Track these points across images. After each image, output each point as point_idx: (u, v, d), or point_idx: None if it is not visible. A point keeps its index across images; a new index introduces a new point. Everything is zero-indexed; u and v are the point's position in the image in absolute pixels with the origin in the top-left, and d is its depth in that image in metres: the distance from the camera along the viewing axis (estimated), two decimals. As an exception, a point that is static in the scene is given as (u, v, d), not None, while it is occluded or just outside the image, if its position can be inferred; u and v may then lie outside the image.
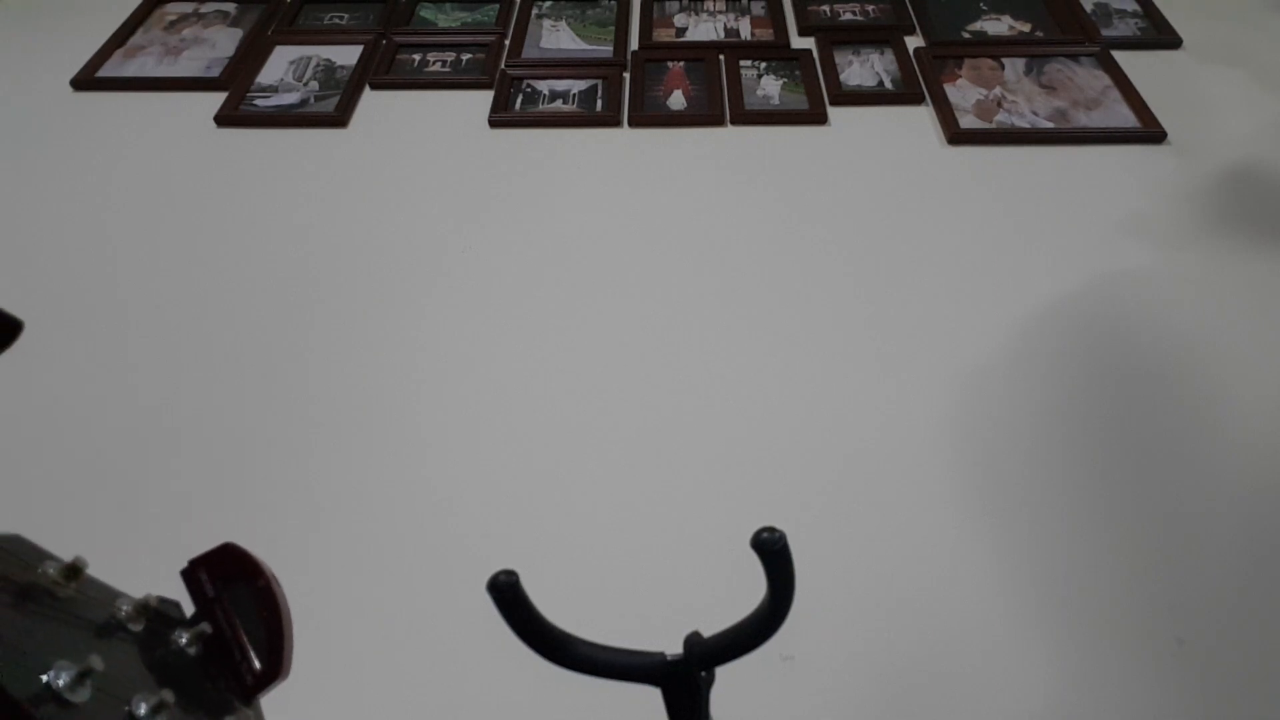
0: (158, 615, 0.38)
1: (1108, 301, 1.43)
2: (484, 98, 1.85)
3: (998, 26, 2.01)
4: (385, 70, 1.92)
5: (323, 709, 1.02)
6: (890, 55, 1.93)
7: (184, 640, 0.38)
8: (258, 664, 0.41)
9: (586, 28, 2.03)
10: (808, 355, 1.37)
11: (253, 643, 0.41)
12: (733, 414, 1.29)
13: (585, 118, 1.80)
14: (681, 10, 2.09)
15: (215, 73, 1.91)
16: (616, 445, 1.26)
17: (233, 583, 0.42)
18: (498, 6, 2.10)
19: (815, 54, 1.94)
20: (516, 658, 0.59)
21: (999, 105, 1.79)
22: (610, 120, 1.80)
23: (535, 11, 2.08)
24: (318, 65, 1.94)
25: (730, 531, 1.13)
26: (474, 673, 1.04)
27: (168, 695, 0.34)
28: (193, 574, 0.42)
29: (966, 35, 1.99)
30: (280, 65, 1.94)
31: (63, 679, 0.29)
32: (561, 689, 0.90)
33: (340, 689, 1.04)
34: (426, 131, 1.79)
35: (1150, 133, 1.71)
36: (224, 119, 1.81)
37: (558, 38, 2.01)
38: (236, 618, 0.41)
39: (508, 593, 0.53)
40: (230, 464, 1.25)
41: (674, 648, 0.58)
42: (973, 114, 1.77)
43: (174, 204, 1.64)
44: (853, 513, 1.18)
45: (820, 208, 1.60)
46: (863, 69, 1.90)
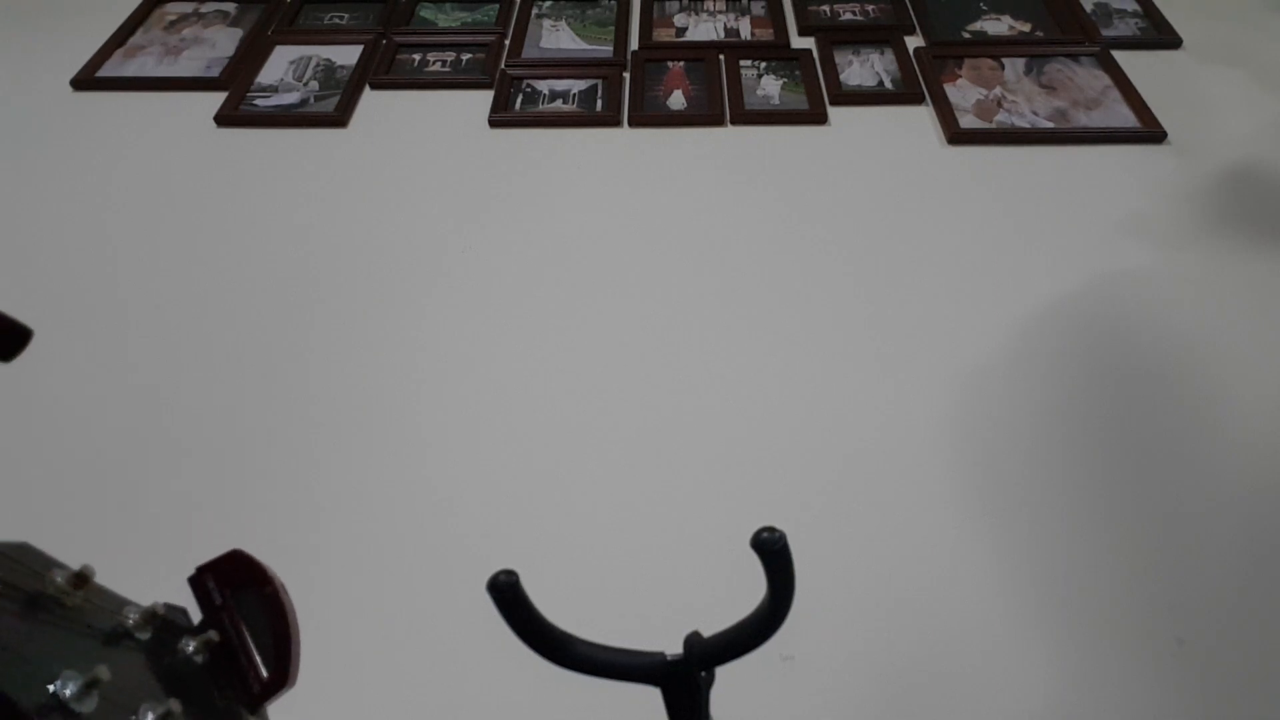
0: (165, 623, 0.38)
1: (1108, 301, 1.43)
2: (484, 98, 1.85)
3: (998, 26, 2.01)
4: (385, 70, 1.92)
5: (324, 709, 1.02)
6: (890, 55, 1.93)
7: (191, 648, 0.38)
8: (265, 672, 0.41)
9: (586, 28, 2.03)
10: (808, 355, 1.37)
11: (260, 650, 0.41)
12: (733, 414, 1.29)
13: (585, 118, 1.80)
14: (681, 10, 2.09)
15: (215, 73, 1.91)
16: (616, 445, 1.26)
17: (241, 590, 0.42)
18: (498, 6, 2.09)
19: (815, 54, 1.94)
20: (516, 658, 0.59)
21: (999, 105, 1.79)
22: (610, 120, 1.80)
23: (535, 11, 2.08)
24: (318, 65, 1.94)
25: (730, 531, 1.13)
26: (474, 673, 1.04)
27: (175, 704, 0.34)
28: (200, 581, 0.42)
29: (966, 35, 1.99)
30: (280, 65, 1.94)
31: (69, 689, 0.29)
32: (561, 689, 0.90)
33: (341, 689, 1.04)
34: (426, 131, 1.79)
35: (1150, 133, 1.71)
36: (224, 119, 1.81)
37: (558, 38, 2.01)
38: (244, 625, 0.41)
39: (508, 593, 0.53)
40: (231, 464, 1.25)
41: (674, 648, 0.58)
42: (973, 114, 1.77)
43: (174, 204, 1.64)
44: (853, 513, 1.18)
45: (820, 208, 1.60)
46: (863, 69, 1.90)
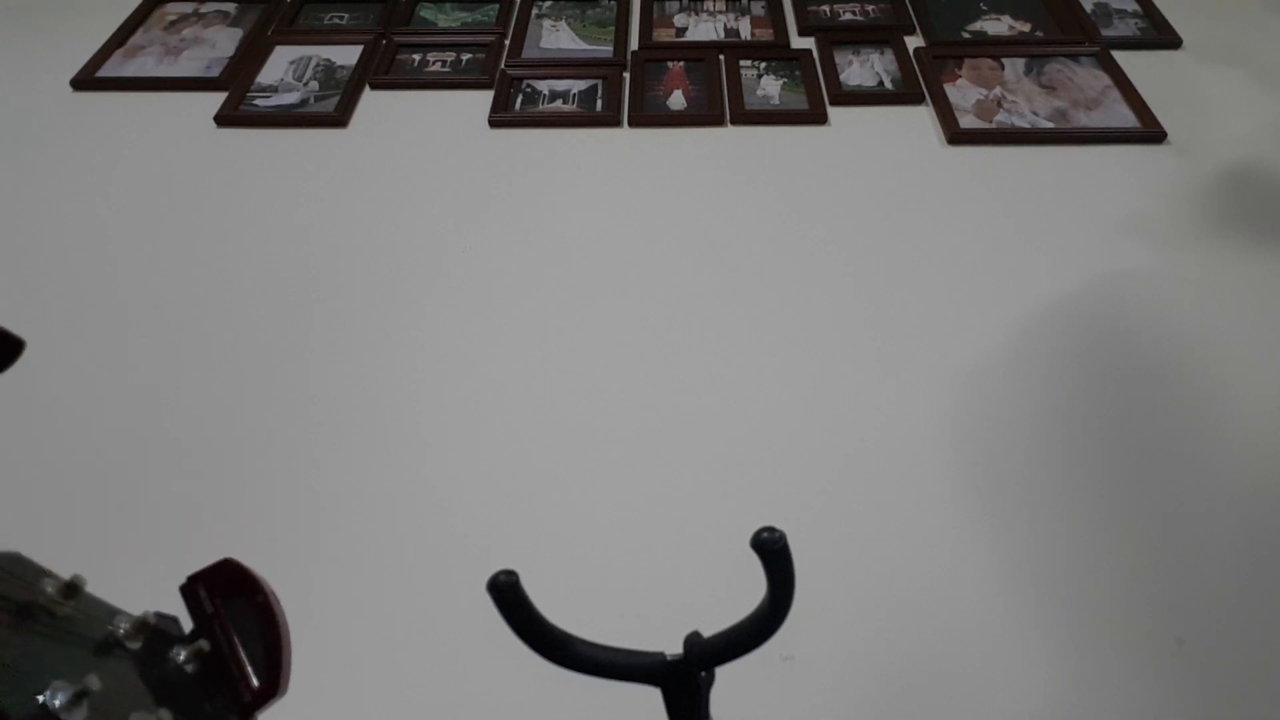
0: (156, 632, 0.38)
1: (1108, 301, 1.43)
2: (484, 98, 1.85)
3: (998, 26, 2.01)
4: (385, 70, 1.92)
5: (323, 709, 1.02)
6: (890, 55, 1.93)
7: (182, 657, 0.38)
8: (256, 681, 0.40)
9: (586, 28, 2.03)
10: (808, 355, 1.37)
11: (251, 659, 0.41)
12: (733, 414, 1.29)
13: (585, 118, 1.80)
14: (681, 10, 2.09)
15: (215, 73, 1.92)
16: (617, 445, 1.26)
17: (232, 598, 0.42)
18: (498, 6, 2.09)
19: (815, 54, 1.94)
20: (516, 658, 0.59)
21: (999, 105, 1.79)
22: (610, 120, 1.80)
23: (535, 11, 2.08)
24: (318, 65, 1.94)
25: (730, 531, 1.13)
26: (474, 673, 1.04)
27: (165, 714, 0.34)
28: (191, 590, 0.42)
29: (966, 35, 1.99)
30: (280, 65, 1.94)
31: (59, 699, 0.29)
32: (561, 689, 0.90)
33: (341, 689, 1.04)
34: (426, 131, 1.79)
35: (1150, 133, 1.71)
36: (224, 119, 1.81)
37: (558, 38, 2.01)
38: (235, 634, 0.41)
39: (508, 593, 0.53)
40: (231, 464, 1.25)
41: (674, 648, 0.58)
42: (973, 114, 1.77)
43: (174, 204, 1.64)
44: (853, 513, 1.18)
45: (820, 208, 1.60)
46: (863, 69, 1.90)
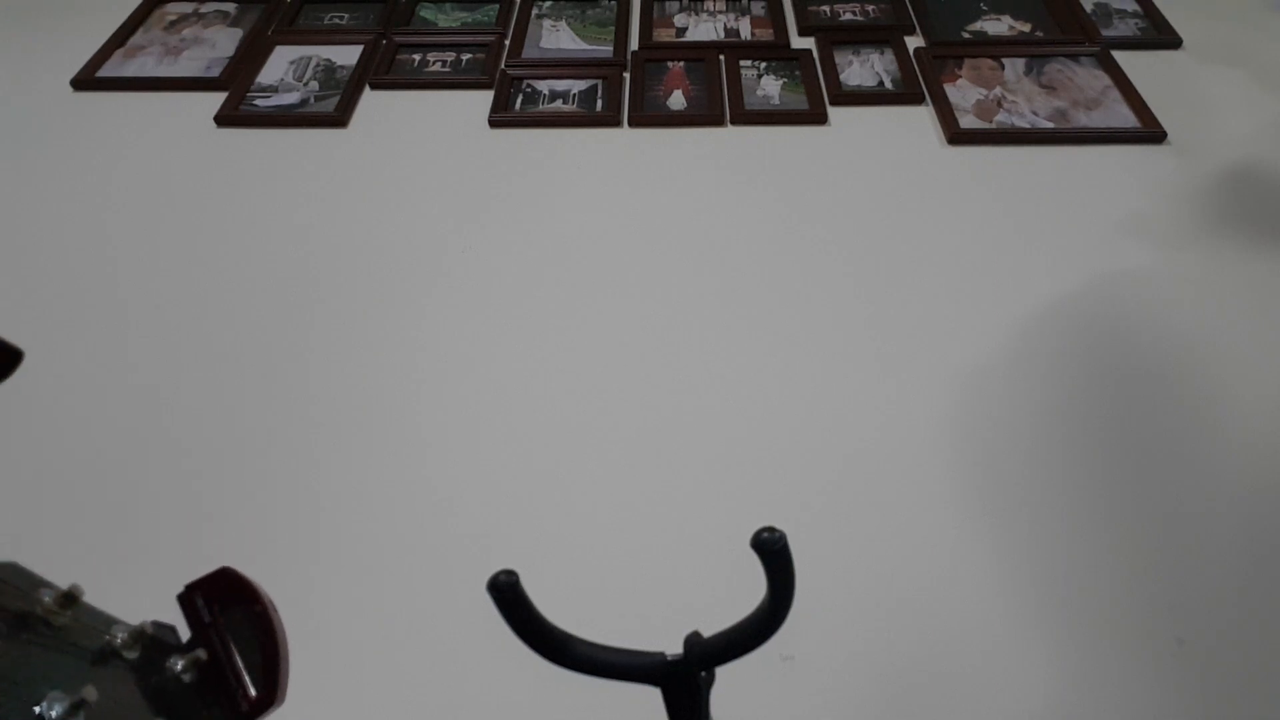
0: (153, 642, 0.38)
1: (1108, 301, 1.43)
2: (484, 98, 1.85)
3: (998, 26, 2.01)
4: (385, 70, 1.92)
5: (323, 709, 1.02)
6: (890, 55, 1.93)
7: (179, 667, 0.38)
8: (253, 690, 0.40)
9: (586, 28, 2.03)
10: (808, 355, 1.37)
11: (248, 669, 0.41)
12: (733, 414, 1.29)
13: (585, 118, 1.80)
14: (681, 10, 2.09)
15: (215, 73, 1.92)
16: (617, 445, 1.26)
17: (230, 607, 0.42)
18: (498, 6, 2.09)
19: (815, 54, 1.94)
20: (516, 658, 0.59)
21: (999, 105, 1.79)
22: (610, 120, 1.80)
23: (535, 11, 2.08)
24: (318, 65, 1.94)
25: (730, 531, 1.13)
26: (474, 673, 1.04)
27: None
28: (189, 599, 0.42)
29: (966, 35, 1.99)
30: (280, 65, 1.94)
31: (55, 710, 0.29)
32: (561, 689, 0.90)
33: (341, 689, 1.04)
34: (426, 131, 1.79)
35: (1150, 133, 1.71)
36: (224, 119, 1.81)
37: (558, 38, 2.01)
38: (233, 643, 0.41)
39: (508, 593, 0.53)
40: (230, 463, 1.25)
41: (674, 648, 0.58)
42: (973, 114, 1.77)
43: (174, 204, 1.64)
44: (853, 513, 1.18)
45: (820, 208, 1.60)
46: (863, 69, 1.90)
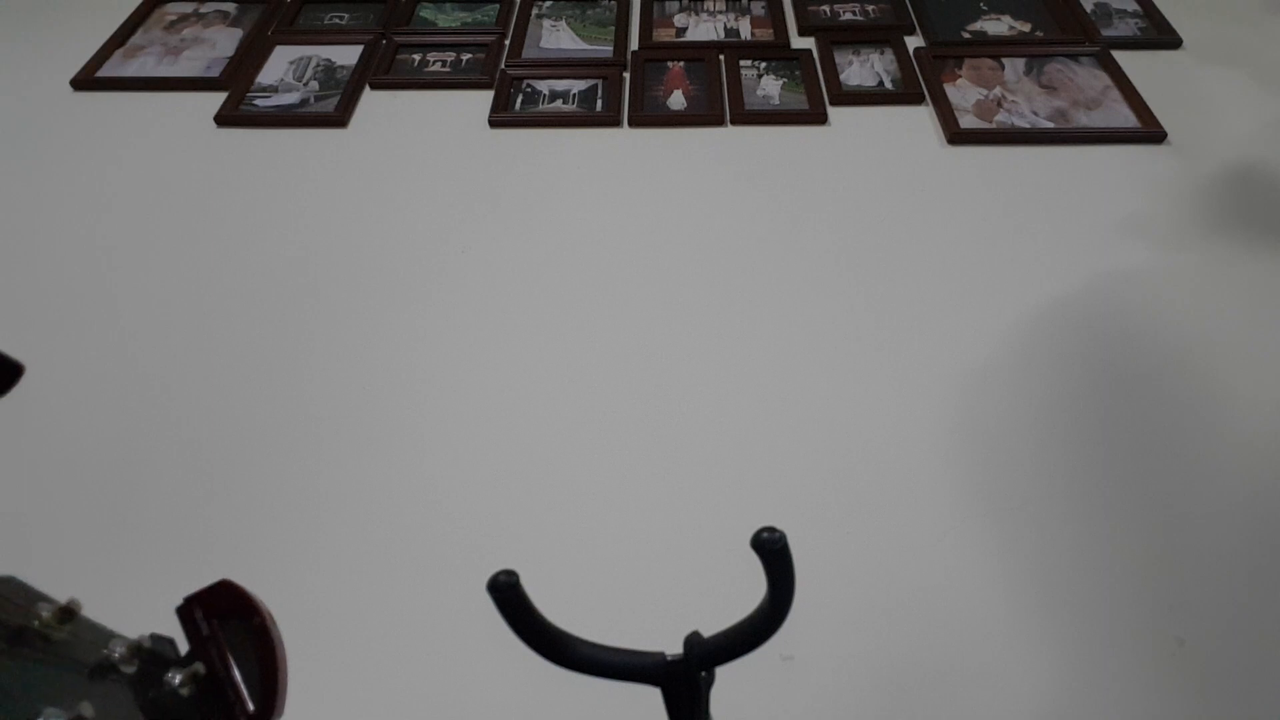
0: (151, 656, 0.37)
1: (1108, 301, 1.43)
2: (484, 98, 1.85)
3: (998, 26, 2.01)
4: (385, 70, 1.92)
5: (323, 709, 1.02)
6: (890, 55, 1.93)
7: (177, 681, 0.38)
8: (251, 705, 0.40)
9: (586, 28, 2.03)
10: (807, 355, 1.37)
11: (247, 682, 0.40)
12: (732, 414, 1.29)
13: (585, 118, 1.80)
14: (681, 10, 2.09)
15: (215, 73, 1.91)
16: (616, 445, 1.26)
17: (229, 620, 0.41)
18: (498, 6, 2.09)
19: (815, 54, 1.94)
20: (516, 658, 0.59)
21: (999, 105, 1.79)
22: (610, 120, 1.79)
23: (535, 11, 2.08)
24: (318, 65, 1.94)
25: (730, 531, 1.13)
26: (474, 673, 1.04)
27: None
28: (188, 611, 0.42)
29: (966, 35, 1.99)
30: (280, 65, 1.94)
31: None
32: (561, 689, 0.90)
33: (341, 689, 1.04)
34: (426, 131, 1.79)
35: (1150, 133, 1.71)
36: (224, 119, 1.81)
37: (558, 38, 2.01)
38: (231, 656, 0.41)
39: (508, 593, 0.53)
40: (230, 463, 1.25)
41: (674, 648, 0.58)
42: (973, 114, 1.77)
43: (174, 204, 1.64)
44: (853, 512, 1.18)
45: (820, 208, 1.60)
46: (863, 69, 1.90)
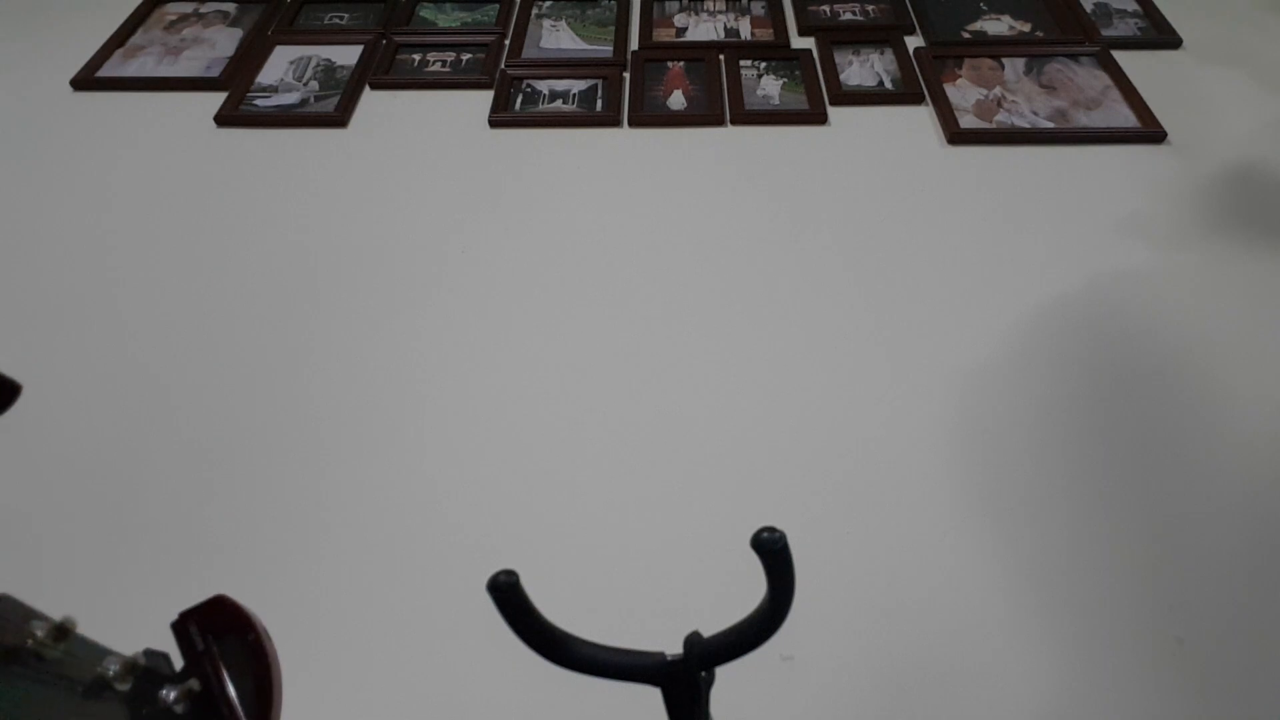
0: (146, 673, 0.37)
1: (1108, 301, 1.43)
2: (484, 98, 1.85)
3: (998, 26, 2.01)
4: (385, 70, 1.92)
5: (324, 709, 1.02)
6: (890, 55, 1.93)
7: (172, 698, 0.38)
8: None
9: (586, 28, 2.03)
10: (807, 355, 1.37)
11: (241, 699, 0.40)
12: (732, 414, 1.29)
13: (585, 118, 1.80)
14: (681, 10, 2.09)
15: (215, 73, 1.91)
16: (616, 445, 1.26)
17: (224, 636, 0.41)
18: (498, 6, 2.09)
19: (815, 54, 1.94)
20: (516, 658, 0.59)
21: (999, 105, 1.79)
22: (610, 120, 1.79)
23: (535, 11, 2.08)
24: (318, 65, 1.94)
25: (730, 531, 1.13)
26: (474, 673, 1.04)
27: None
28: (183, 627, 0.42)
29: (966, 35, 1.99)
30: (280, 65, 1.94)
31: None
32: (561, 689, 0.90)
33: (341, 689, 1.04)
34: (426, 131, 1.79)
35: (1150, 133, 1.71)
36: (224, 119, 1.81)
37: (558, 38, 2.01)
38: (226, 672, 0.41)
39: (508, 593, 0.53)
40: (230, 463, 1.25)
41: (674, 648, 0.58)
42: (973, 114, 1.77)
43: (174, 204, 1.64)
44: (853, 512, 1.18)
45: (820, 208, 1.60)
46: (863, 69, 1.90)
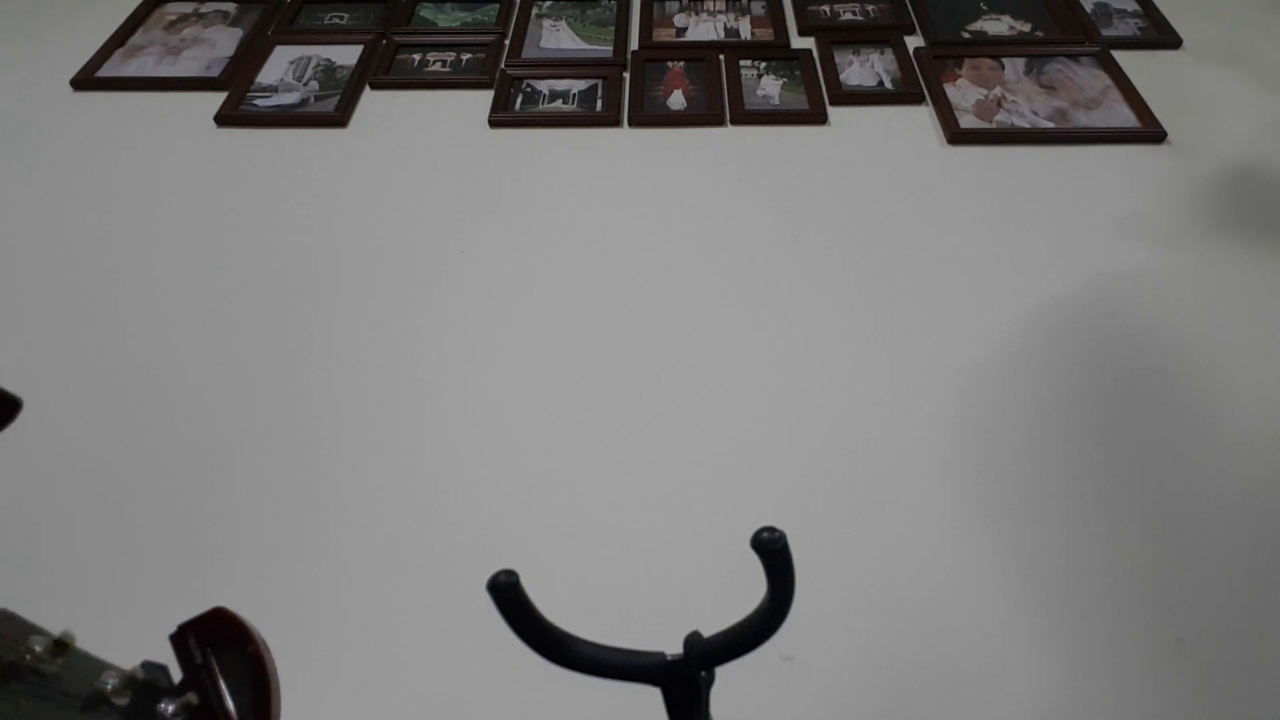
0: (144, 686, 0.37)
1: (1108, 301, 1.43)
2: (484, 98, 1.85)
3: (998, 26, 2.01)
4: (385, 70, 1.92)
5: (324, 709, 1.02)
6: (890, 55, 1.93)
7: (170, 711, 0.38)
8: None
9: (586, 28, 2.03)
10: (807, 355, 1.37)
11: (240, 711, 0.40)
12: (732, 413, 1.29)
13: (585, 118, 1.80)
14: (681, 10, 2.09)
15: (215, 73, 1.91)
16: (616, 445, 1.26)
17: (222, 648, 0.41)
18: (498, 6, 2.09)
19: (815, 54, 1.94)
20: (516, 658, 0.59)
21: (999, 105, 1.79)
22: (610, 120, 1.79)
23: (535, 11, 2.08)
24: (318, 65, 1.94)
25: (730, 531, 1.13)
26: (474, 673, 1.04)
27: None
28: (181, 639, 0.41)
29: (966, 35, 1.99)
30: (280, 65, 1.94)
31: None
32: (561, 689, 0.90)
33: (341, 689, 1.04)
34: (426, 131, 1.79)
35: (1150, 133, 1.71)
36: (224, 119, 1.81)
37: (558, 38, 2.01)
38: (225, 685, 0.40)
39: (508, 593, 0.53)
40: (230, 464, 1.25)
41: (674, 648, 0.58)
42: (973, 114, 1.77)
43: (174, 204, 1.64)
44: (853, 512, 1.18)
45: (820, 208, 1.60)
46: (863, 69, 1.90)
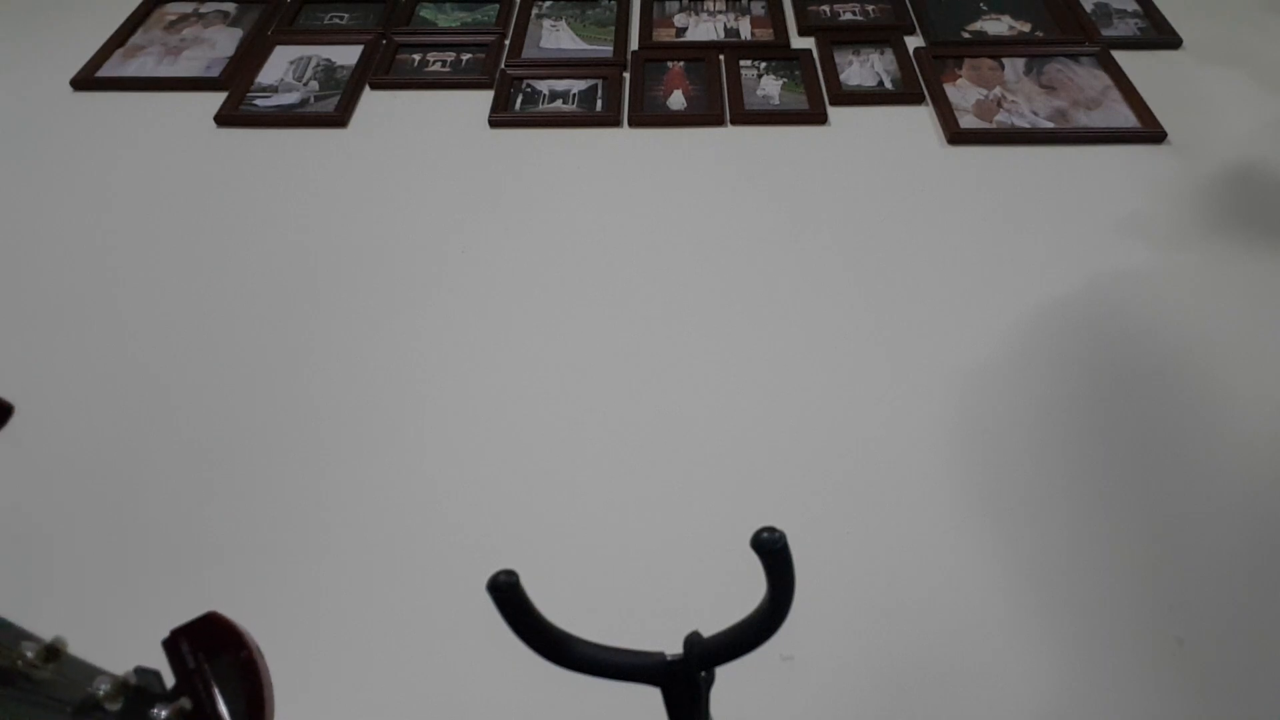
0: (136, 692, 0.37)
1: (1108, 301, 1.43)
2: (484, 98, 1.85)
3: (998, 26, 2.01)
4: (385, 70, 1.92)
5: (324, 709, 1.02)
6: (890, 55, 1.93)
7: (163, 716, 0.38)
8: None
9: (586, 28, 2.03)
10: (807, 355, 1.37)
11: (233, 716, 0.40)
12: (732, 414, 1.29)
13: (585, 118, 1.80)
14: (681, 10, 2.09)
15: (215, 73, 1.92)
16: (616, 445, 1.26)
17: (215, 653, 0.41)
18: (498, 6, 2.09)
19: (815, 54, 1.94)
20: (516, 658, 0.59)
21: (999, 105, 1.79)
22: (610, 120, 1.80)
23: (535, 11, 2.08)
24: (318, 65, 1.94)
25: (730, 531, 1.13)
26: (474, 673, 1.04)
27: None
28: (174, 644, 0.41)
29: (966, 35, 1.99)
30: (280, 65, 1.94)
31: None
32: (561, 689, 0.90)
33: (341, 689, 1.04)
34: (426, 131, 1.79)
35: (1150, 133, 1.71)
36: (224, 119, 1.81)
37: (558, 38, 2.01)
38: (217, 690, 0.40)
39: (507, 593, 0.53)
40: (230, 464, 1.25)
41: (674, 648, 0.58)
42: (973, 114, 1.77)
43: (174, 204, 1.64)
44: (853, 512, 1.18)
45: (820, 208, 1.60)
46: (863, 69, 1.90)
